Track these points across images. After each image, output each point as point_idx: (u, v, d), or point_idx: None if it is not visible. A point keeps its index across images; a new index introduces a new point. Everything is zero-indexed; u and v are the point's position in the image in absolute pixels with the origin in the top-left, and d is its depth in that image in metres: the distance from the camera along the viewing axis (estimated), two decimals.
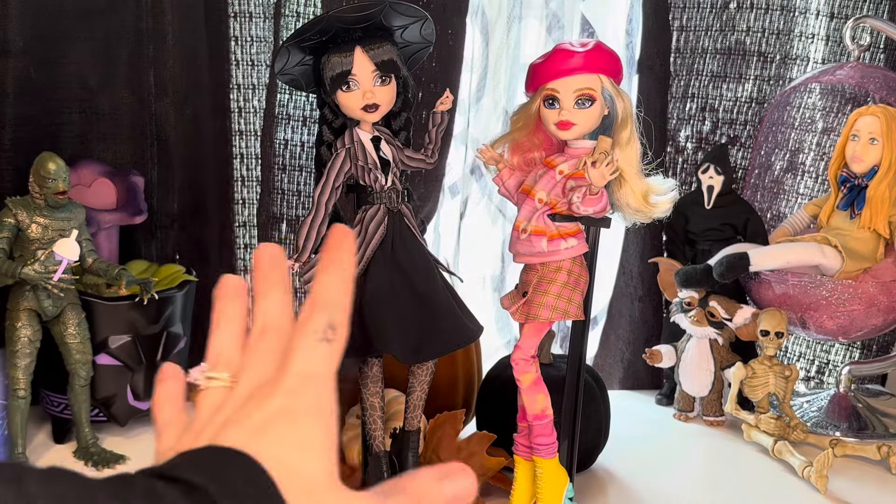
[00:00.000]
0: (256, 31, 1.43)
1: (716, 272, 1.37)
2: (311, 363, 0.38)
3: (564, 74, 1.00)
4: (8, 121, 1.29)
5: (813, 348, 1.66)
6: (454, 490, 0.38)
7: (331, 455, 0.37)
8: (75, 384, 1.22)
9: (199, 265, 1.41)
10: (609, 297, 1.63)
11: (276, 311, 0.41)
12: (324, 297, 0.39)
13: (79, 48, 1.34)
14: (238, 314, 0.43)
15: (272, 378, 0.38)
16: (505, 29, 1.53)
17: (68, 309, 1.21)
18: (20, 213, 1.17)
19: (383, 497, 0.37)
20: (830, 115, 1.57)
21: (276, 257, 0.43)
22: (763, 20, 1.56)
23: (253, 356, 0.40)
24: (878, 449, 1.31)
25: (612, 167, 0.97)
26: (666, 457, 1.35)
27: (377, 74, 1.03)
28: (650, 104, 1.52)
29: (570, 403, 1.10)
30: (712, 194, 1.46)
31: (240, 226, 1.50)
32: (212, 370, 0.41)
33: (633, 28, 1.56)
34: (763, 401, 1.38)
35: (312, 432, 0.37)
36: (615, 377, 1.62)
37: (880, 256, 1.37)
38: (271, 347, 0.40)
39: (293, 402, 0.37)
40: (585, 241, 1.04)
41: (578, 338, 1.09)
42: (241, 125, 1.47)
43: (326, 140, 1.08)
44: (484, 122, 1.57)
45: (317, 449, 0.37)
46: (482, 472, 1.16)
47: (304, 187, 1.47)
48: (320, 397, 0.38)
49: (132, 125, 1.39)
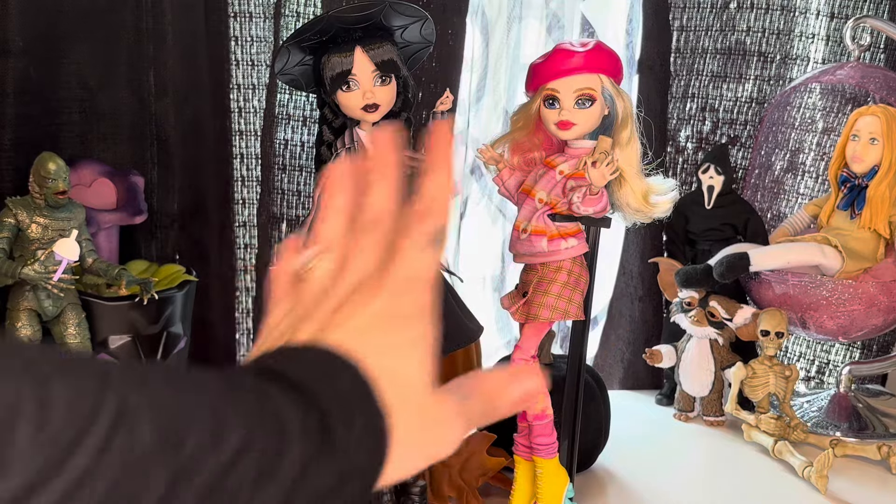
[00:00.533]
0: (256, 31, 1.43)
1: (716, 272, 1.37)
2: (417, 267, 0.38)
3: (564, 74, 1.00)
4: (8, 121, 1.29)
5: (813, 348, 1.66)
6: (522, 390, 0.40)
7: (428, 359, 0.37)
8: None
9: (199, 265, 1.41)
10: (609, 297, 1.63)
11: (384, 203, 0.40)
12: (431, 201, 0.39)
13: (79, 48, 1.34)
14: (346, 203, 0.41)
15: (377, 275, 0.38)
16: (505, 29, 1.53)
17: (68, 309, 1.21)
18: (20, 213, 1.17)
19: (462, 398, 0.38)
20: (831, 115, 1.57)
21: (394, 144, 0.41)
22: (763, 20, 1.56)
23: (359, 247, 0.40)
24: (878, 449, 1.31)
25: (612, 167, 0.97)
26: (666, 457, 1.35)
27: (377, 74, 1.03)
28: (650, 104, 1.52)
29: (571, 403, 1.10)
30: (712, 194, 1.46)
31: (240, 226, 1.50)
32: (322, 252, 0.40)
33: (633, 28, 1.56)
34: (763, 401, 1.38)
35: (413, 337, 0.37)
36: (615, 377, 1.62)
37: (880, 256, 1.37)
38: (377, 240, 0.39)
39: (396, 305, 0.37)
40: (585, 241, 1.04)
41: (578, 338, 1.09)
42: (241, 125, 1.47)
43: (326, 140, 1.09)
44: (484, 122, 1.56)
45: (416, 354, 0.37)
46: (482, 472, 1.16)
47: (304, 187, 1.47)
48: (422, 301, 0.38)
49: (132, 125, 1.39)
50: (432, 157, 0.40)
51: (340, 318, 0.37)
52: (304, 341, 0.36)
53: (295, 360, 0.35)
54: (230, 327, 1.51)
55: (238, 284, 1.51)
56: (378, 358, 0.36)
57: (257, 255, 1.49)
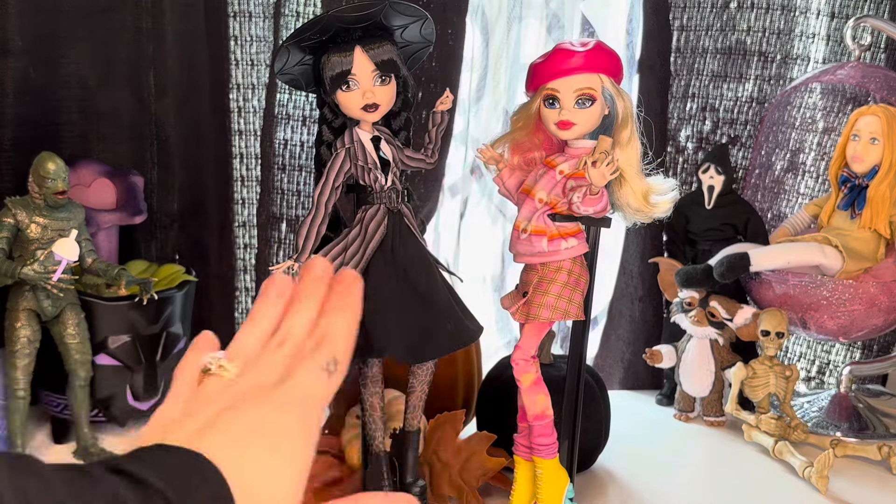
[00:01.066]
0: (256, 31, 1.43)
1: (716, 272, 1.37)
2: (309, 385, 0.39)
3: (565, 74, 1.00)
4: (8, 121, 1.29)
5: (813, 348, 1.66)
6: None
7: (300, 480, 0.38)
8: (75, 384, 1.22)
9: (199, 265, 1.41)
10: (609, 298, 1.63)
11: (302, 327, 0.42)
12: (332, 336, 0.41)
13: (79, 48, 1.34)
14: (274, 315, 0.43)
15: (266, 389, 0.39)
16: (505, 29, 1.53)
17: (68, 309, 1.21)
18: (20, 213, 1.17)
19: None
20: (831, 114, 1.57)
21: (324, 274, 0.44)
22: (763, 20, 1.56)
23: (263, 361, 0.41)
24: (878, 449, 1.31)
25: (612, 167, 0.97)
26: (666, 457, 1.35)
27: (377, 74, 1.03)
28: (650, 104, 1.52)
29: (571, 403, 1.10)
30: (713, 194, 1.46)
31: (239, 226, 1.50)
32: (228, 361, 0.41)
33: (633, 28, 1.56)
34: (764, 401, 1.38)
35: (287, 454, 0.37)
36: (615, 377, 1.62)
37: (881, 256, 1.36)
38: (282, 360, 0.41)
39: (278, 419, 0.38)
40: (586, 241, 1.04)
41: (579, 338, 1.09)
42: (241, 125, 1.46)
43: (326, 140, 1.08)
44: (484, 122, 1.56)
45: (286, 472, 0.37)
46: (482, 472, 1.16)
47: (304, 187, 1.47)
48: (306, 421, 0.38)
49: (132, 125, 1.39)
50: (340, 299, 0.43)
51: (220, 422, 0.37)
52: (178, 442, 0.37)
53: (157, 459, 0.35)
54: (230, 327, 1.51)
55: (238, 284, 1.51)
56: (244, 472, 0.36)
57: (257, 255, 1.49)
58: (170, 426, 0.38)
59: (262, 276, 1.49)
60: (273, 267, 1.11)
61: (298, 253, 1.06)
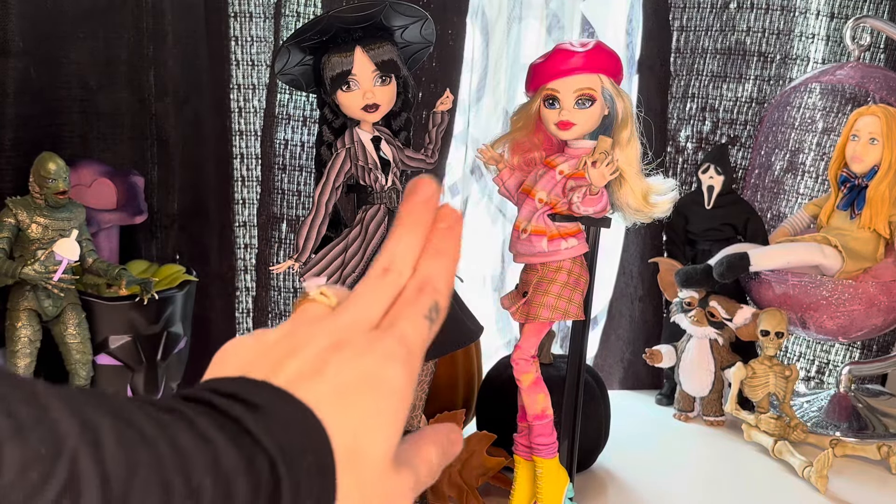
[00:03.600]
0: (256, 31, 1.43)
1: (716, 272, 1.37)
2: (412, 334, 0.37)
3: (564, 74, 1.00)
4: (8, 121, 1.29)
5: (813, 348, 1.66)
6: (455, 444, 0.40)
7: (396, 436, 0.36)
8: (75, 384, 1.22)
9: (199, 265, 1.41)
10: (609, 298, 1.63)
11: (406, 255, 0.40)
12: (435, 281, 0.39)
13: (79, 48, 1.34)
14: (424, 222, 0.41)
15: (371, 329, 0.37)
16: (505, 29, 1.53)
17: (68, 309, 1.21)
18: (20, 213, 1.17)
19: (415, 472, 0.37)
20: (830, 115, 1.57)
21: (432, 197, 0.41)
22: (763, 20, 1.56)
23: (366, 290, 0.39)
24: (878, 449, 1.31)
25: (612, 167, 0.97)
26: (666, 457, 1.35)
27: (377, 74, 1.03)
28: (650, 104, 1.52)
29: (570, 403, 1.10)
30: (712, 194, 1.46)
31: (240, 226, 1.50)
32: (387, 272, 0.39)
33: (633, 28, 1.56)
34: (763, 401, 1.38)
35: (391, 414, 0.35)
36: (615, 377, 1.62)
37: (880, 256, 1.37)
38: (385, 294, 0.39)
39: (386, 370, 0.36)
40: (585, 241, 1.04)
41: (578, 338, 1.09)
42: (241, 125, 1.47)
43: (326, 140, 1.08)
44: (484, 122, 1.57)
45: (387, 428, 0.35)
46: (482, 472, 1.16)
47: (304, 187, 1.47)
48: (407, 374, 0.36)
49: (132, 125, 1.39)
50: (443, 242, 0.40)
51: (327, 369, 0.35)
52: (283, 386, 0.35)
53: (269, 416, 0.33)
54: (230, 327, 1.51)
55: (238, 284, 1.51)
56: (346, 433, 0.34)
57: (257, 255, 1.49)
58: (270, 353, 0.36)
59: (262, 276, 1.49)
60: (273, 267, 1.11)
61: (298, 253, 1.06)
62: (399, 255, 0.40)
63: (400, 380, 0.36)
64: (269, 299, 1.49)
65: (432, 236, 0.41)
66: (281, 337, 0.37)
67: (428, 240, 0.41)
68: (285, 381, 0.35)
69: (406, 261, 0.40)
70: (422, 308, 0.39)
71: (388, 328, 0.37)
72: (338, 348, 0.36)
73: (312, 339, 0.37)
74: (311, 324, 0.38)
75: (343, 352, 0.36)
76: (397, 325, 0.38)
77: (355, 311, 0.38)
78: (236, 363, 0.37)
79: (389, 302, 0.39)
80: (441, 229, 0.41)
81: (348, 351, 0.36)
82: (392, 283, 0.39)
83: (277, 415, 0.33)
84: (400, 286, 0.39)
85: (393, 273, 0.39)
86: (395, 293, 0.39)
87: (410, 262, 0.40)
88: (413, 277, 0.40)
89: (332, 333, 0.37)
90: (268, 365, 0.36)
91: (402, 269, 0.40)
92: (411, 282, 0.40)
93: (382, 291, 0.39)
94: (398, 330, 0.37)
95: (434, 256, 0.40)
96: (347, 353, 0.36)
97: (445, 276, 0.40)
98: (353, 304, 0.38)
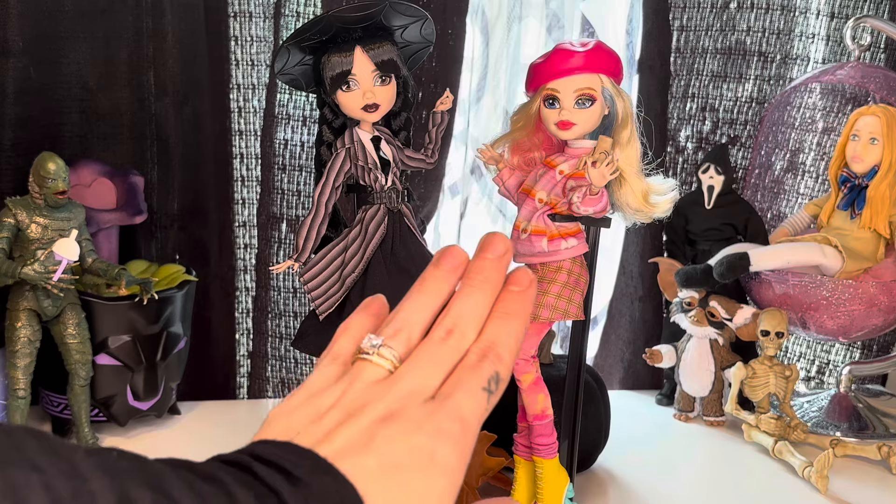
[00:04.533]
0: (256, 31, 1.43)
1: (716, 272, 1.37)
2: (469, 408, 0.35)
3: (565, 74, 1.00)
4: (8, 121, 1.29)
5: (813, 348, 1.66)
6: None
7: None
8: (75, 384, 1.22)
9: (199, 265, 1.41)
10: (609, 297, 1.63)
11: (472, 316, 0.37)
12: (499, 349, 0.37)
13: (79, 48, 1.34)
14: (445, 291, 0.38)
15: (427, 399, 0.35)
16: (505, 29, 1.53)
17: (68, 309, 1.21)
18: (20, 213, 1.17)
19: None
20: (831, 114, 1.57)
21: (504, 255, 0.39)
22: (763, 20, 1.56)
23: (426, 355, 0.36)
24: (878, 449, 1.31)
25: (612, 167, 0.97)
26: (666, 457, 1.35)
27: (377, 74, 1.03)
28: (650, 104, 1.52)
29: (571, 403, 1.10)
30: (713, 194, 1.46)
31: (240, 226, 1.50)
32: (390, 338, 0.37)
33: (633, 28, 1.56)
34: (763, 401, 1.38)
35: (435, 489, 0.33)
36: (615, 377, 1.62)
37: (881, 256, 1.37)
38: (445, 360, 0.36)
39: (437, 448, 0.34)
40: (585, 241, 1.04)
41: (578, 338, 1.09)
42: (241, 125, 1.47)
43: (326, 140, 1.08)
44: (484, 122, 1.56)
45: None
46: (482, 472, 1.16)
47: (304, 187, 1.47)
48: (459, 452, 0.34)
49: (132, 125, 1.39)
50: (514, 305, 0.38)
51: (375, 443, 0.33)
52: (329, 457, 0.33)
53: (309, 490, 0.31)
54: (230, 327, 1.51)
55: (238, 284, 1.51)
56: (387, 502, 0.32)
57: (257, 255, 1.49)
58: (322, 419, 0.34)
59: (262, 276, 1.49)
60: (273, 267, 1.11)
61: (298, 253, 1.06)
62: (465, 315, 0.37)
63: (451, 459, 0.34)
64: (268, 299, 1.49)
65: (502, 297, 0.38)
66: (334, 401, 0.36)
67: (498, 300, 0.38)
68: (332, 452, 0.33)
69: (471, 323, 0.37)
70: (481, 380, 0.36)
71: (444, 400, 0.35)
72: (390, 420, 0.34)
73: (365, 409, 0.35)
74: (367, 389, 0.36)
75: (395, 425, 0.34)
76: (454, 396, 0.35)
77: (412, 381, 0.36)
78: (286, 425, 0.35)
79: (450, 368, 0.36)
80: (513, 292, 0.38)
81: (401, 424, 0.34)
82: (454, 347, 0.37)
83: (318, 489, 0.31)
84: (462, 350, 0.37)
85: (456, 335, 0.37)
86: (457, 358, 0.37)
87: (476, 325, 0.38)
88: (477, 342, 0.37)
89: (386, 403, 0.35)
90: (318, 432, 0.34)
91: (466, 331, 0.37)
92: (475, 346, 0.37)
93: (444, 356, 0.37)
94: (454, 403, 0.35)
95: (502, 319, 0.38)
96: (399, 427, 0.34)
97: (511, 343, 0.38)
98: (411, 371, 0.36)
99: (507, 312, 0.38)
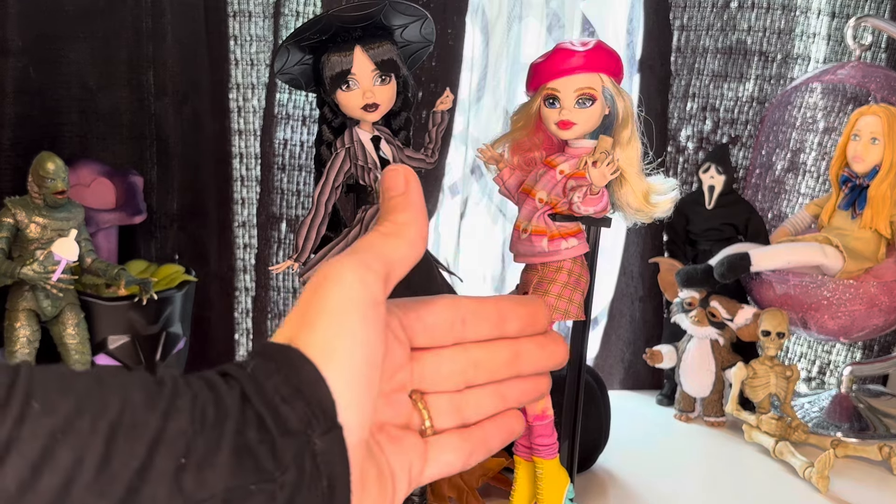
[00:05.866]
0: (256, 31, 1.43)
1: (717, 272, 1.37)
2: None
3: (565, 74, 1.00)
4: (7, 121, 1.29)
5: (814, 348, 1.66)
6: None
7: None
8: None
9: (199, 265, 1.41)
10: (610, 298, 1.63)
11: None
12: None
13: (78, 48, 1.34)
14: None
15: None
16: (505, 28, 1.53)
17: (67, 309, 1.21)
18: (19, 213, 1.16)
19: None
20: (832, 114, 1.57)
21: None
22: (764, 19, 1.56)
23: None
24: (879, 449, 1.31)
25: (612, 167, 0.97)
26: (667, 457, 1.35)
27: (377, 74, 1.03)
28: (651, 104, 1.52)
29: (571, 404, 1.10)
30: (713, 194, 1.46)
31: (239, 226, 1.49)
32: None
33: (633, 27, 1.56)
34: (764, 401, 1.38)
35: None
36: (615, 377, 1.62)
37: (882, 256, 1.36)
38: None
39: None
40: (586, 240, 1.04)
41: (579, 338, 1.09)
42: (241, 125, 1.46)
43: (326, 139, 1.08)
44: (484, 122, 1.56)
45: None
46: (482, 472, 1.16)
47: (304, 187, 1.47)
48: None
49: (131, 125, 1.39)
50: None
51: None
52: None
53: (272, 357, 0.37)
54: (229, 327, 1.51)
55: (238, 284, 1.51)
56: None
57: (257, 254, 1.49)
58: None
59: (261, 276, 1.48)
60: (273, 267, 1.10)
61: (298, 253, 1.06)
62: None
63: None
64: (268, 299, 1.49)
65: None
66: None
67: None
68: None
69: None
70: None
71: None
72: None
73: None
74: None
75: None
76: None
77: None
78: None
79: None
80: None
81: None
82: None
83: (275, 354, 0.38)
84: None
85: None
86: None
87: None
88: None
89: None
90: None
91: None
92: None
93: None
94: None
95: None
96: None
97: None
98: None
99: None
